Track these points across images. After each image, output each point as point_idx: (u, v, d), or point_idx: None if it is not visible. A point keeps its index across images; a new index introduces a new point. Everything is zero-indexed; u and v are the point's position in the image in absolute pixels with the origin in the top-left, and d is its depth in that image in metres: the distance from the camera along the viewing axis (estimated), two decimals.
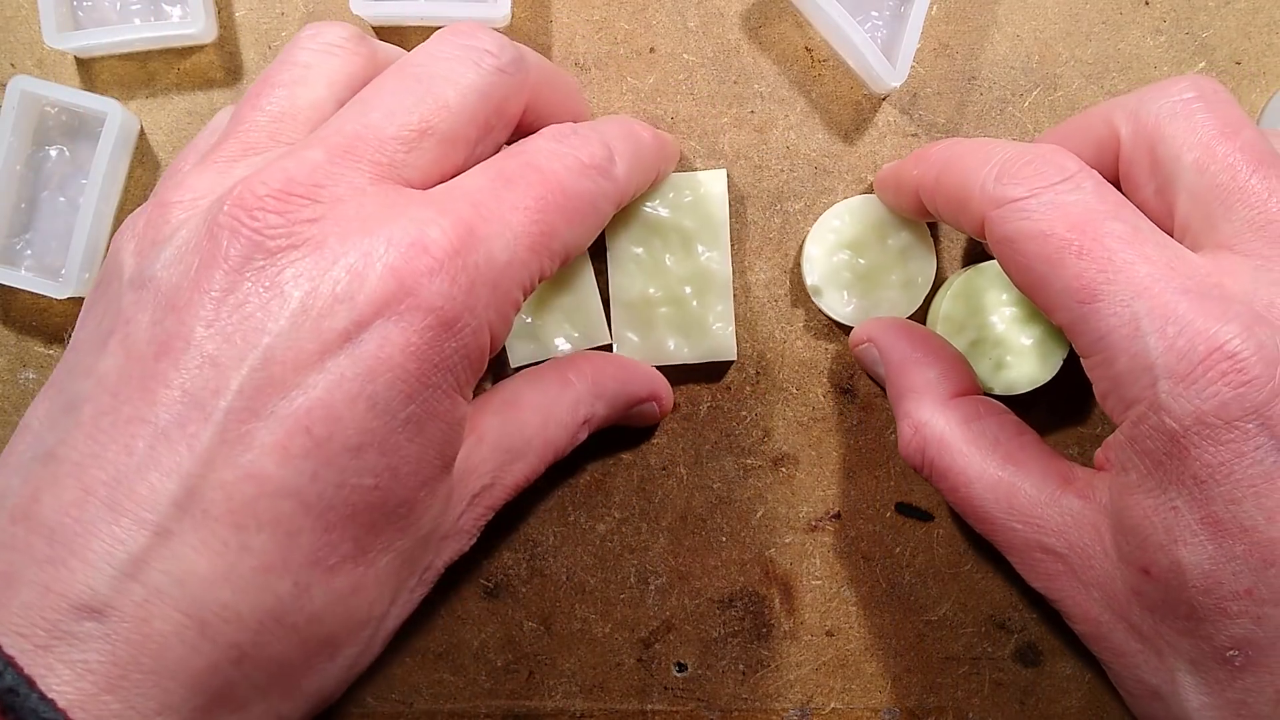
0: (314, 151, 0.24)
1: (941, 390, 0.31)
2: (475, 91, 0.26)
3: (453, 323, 0.23)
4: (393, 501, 0.24)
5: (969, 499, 0.29)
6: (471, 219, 0.24)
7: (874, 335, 0.33)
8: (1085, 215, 0.25)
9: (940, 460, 0.30)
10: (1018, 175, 0.26)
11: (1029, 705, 0.36)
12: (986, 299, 0.33)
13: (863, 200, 0.35)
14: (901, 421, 0.31)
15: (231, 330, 0.22)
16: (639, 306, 0.35)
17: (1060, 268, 0.25)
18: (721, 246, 0.35)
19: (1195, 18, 0.35)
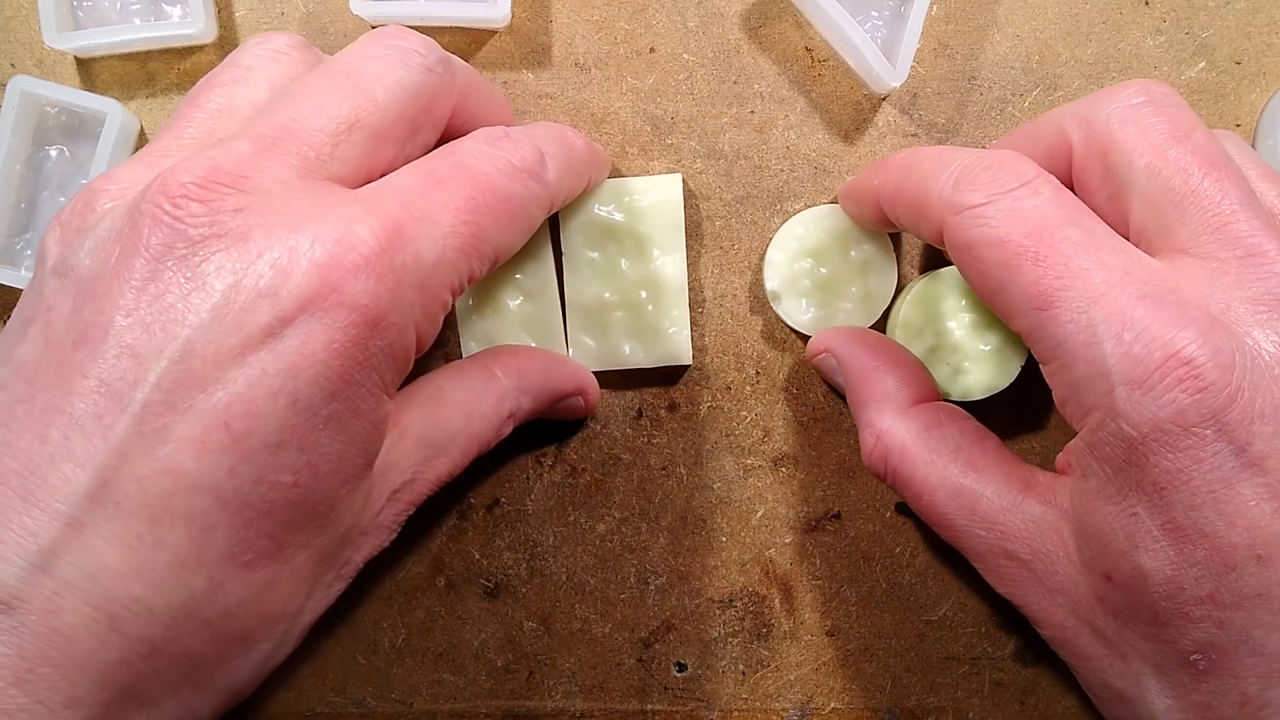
0: (241, 143, 0.24)
1: (901, 398, 0.31)
2: (403, 88, 0.26)
3: (378, 321, 0.23)
4: (312, 499, 0.24)
5: (932, 506, 0.29)
6: (400, 218, 0.24)
7: (831, 345, 0.33)
8: (1042, 221, 0.25)
9: (903, 468, 0.30)
10: (975, 181, 0.26)
11: (1029, 705, 0.36)
12: (945, 305, 0.33)
13: (828, 210, 0.35)
14: (863, 430, 0.31)
15: (151, 320, 0.22)
16: (594, 311, 0.35)
17: (1017, 274, 0.25)
18: (677, 250, 0.34)
19: (1195, 18, 0.35)
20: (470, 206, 0.25)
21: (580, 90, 0.36)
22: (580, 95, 0.36)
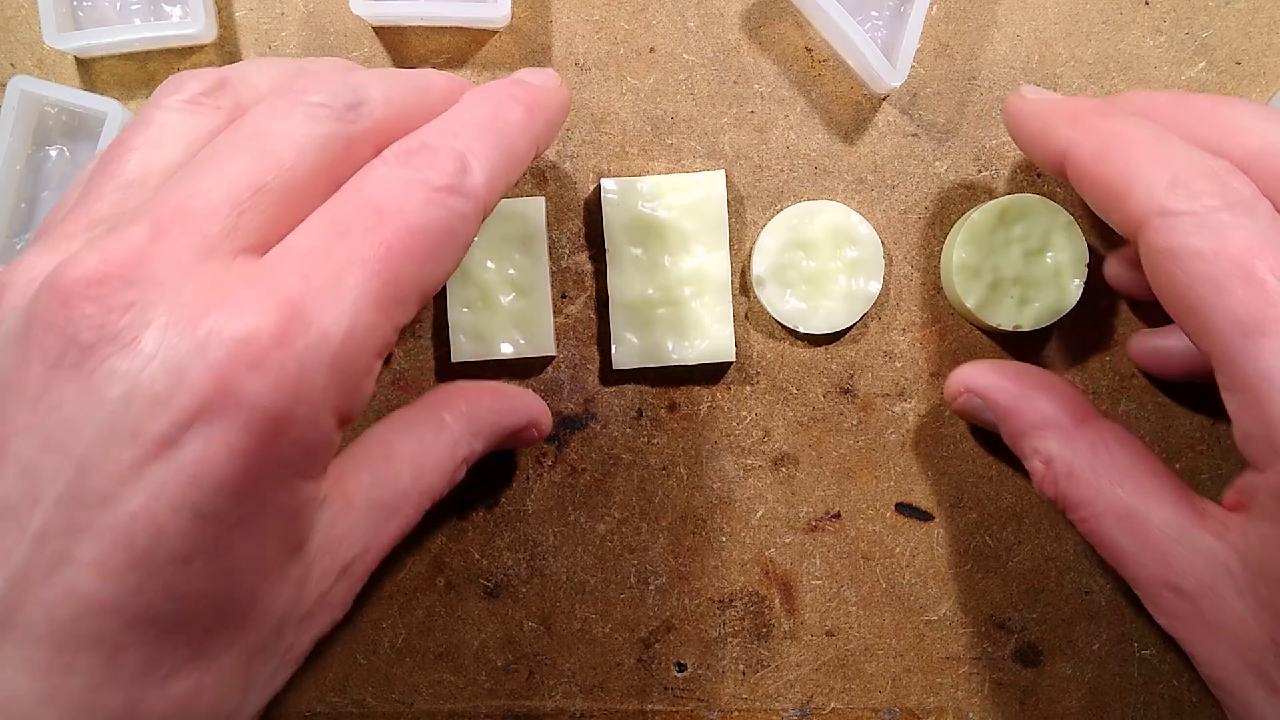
0: (136, 228, 0.22)
1: (1063, 422, 0.30)
2: (312, 143, 0.24)
3: (281, 419, 0.21)
4: (230, 602, 0.23)
5: (1099, 530, 0.28)
6: (300, 295, 0.22)
7: (972, 383, 0.32)
8: (1259, 244, 0.23)
9: (1071, 492, 0.29)
10: (1194, 187, 0.24)
11: (1029, 705, 0.36)
12: (994, 239, 0.34)
13: (827, 205, 0.35)
14: (1030, 459, 0.30)
15: (47, 436, 0.21)
16: (637, 307, 0.35)
17: (1225, 293, 0.23)
18: (720, 247, 0.35)
19: (1195, 18, 0.35)
20: (382, 254, 0.23)
21: (580, 90, 0.36)
22: (580, 95, 0.36)
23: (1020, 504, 0.36)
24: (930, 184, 0.36)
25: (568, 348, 0.36)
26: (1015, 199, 0.34)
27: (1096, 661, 0.36)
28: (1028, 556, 0.36)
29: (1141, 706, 0.36)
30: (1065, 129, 0.28)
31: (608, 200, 0.35)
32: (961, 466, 0.36)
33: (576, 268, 0.36)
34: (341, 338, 0.22)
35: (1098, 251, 0.35)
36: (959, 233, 0.34)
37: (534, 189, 0.36)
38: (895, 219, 0.36)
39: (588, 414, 0.36)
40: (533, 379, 0.36)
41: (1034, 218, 0.34)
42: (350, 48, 0.36)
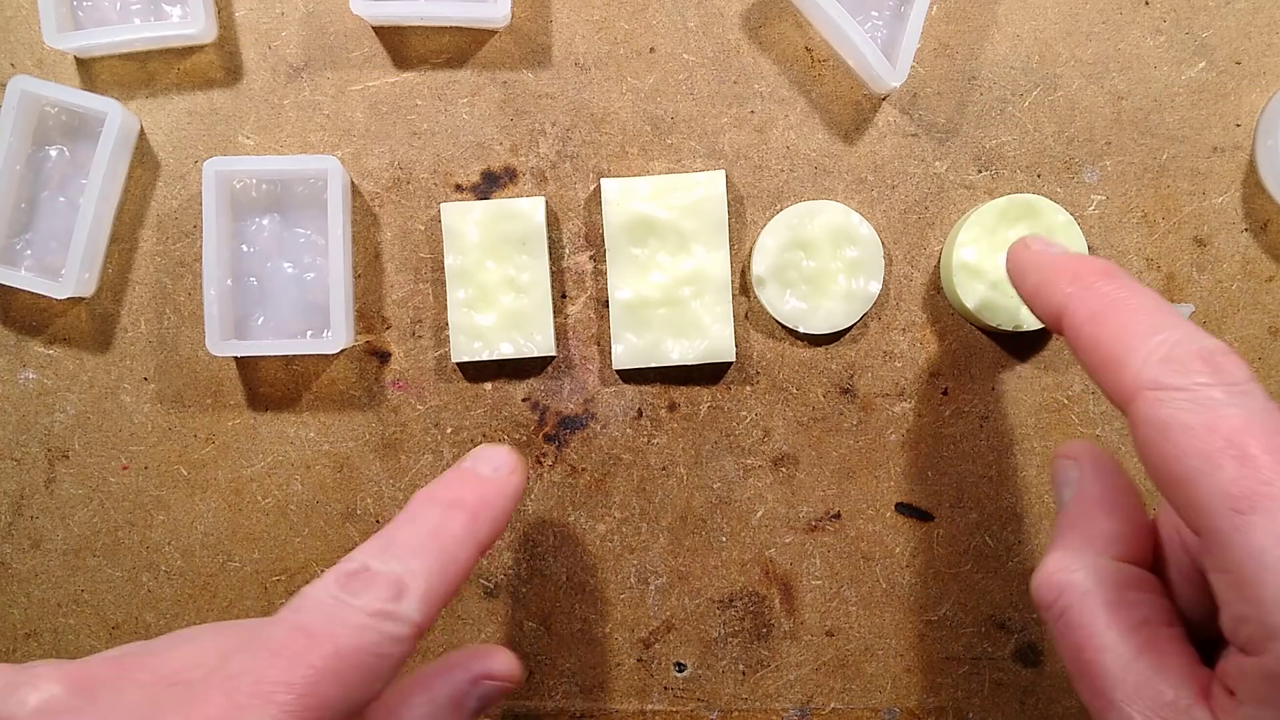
0: None
1: (1112, 547, 0.28)
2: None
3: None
4: None
5: (1091, 666, 0.27)
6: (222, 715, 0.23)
7: (1082, 458, 0.30)
8: (1252, 423, 0.23)
9: (1076, 613, 0.27)
10: (1187, 363, 0.24)
11: (1029, 705, 0.36)
12: (994, 240, 0.34)
13: (827, 205, 0.35)
14: (1051, 554, 0.28)
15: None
16: (637, 307, 0.35)
17: (1217, 469, 0.23)
18: (721, 247, 0.35)
19: (1195, 18, 0.35)
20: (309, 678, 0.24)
21: (580, 90, 0.36)
22: (580, 95, 0.36)
23: (1020, 504, 0.36)
24: (930, 184, 0.36)
25: (568, 348, 0.36)
26: (1015, 199, 0.34)
27: None
28: (1028, 556, 0.36)
29: None
30: (1066, 285, 0.28)
31: (608, 200, 0.35)
32: (961, 466, 0.36)
33: (576, 268, 0.36)
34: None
35: (1097, 251, 0.35)
36: (959, 233, 0.34)
37: (534, 189, 0.36)
38: (895, 219, 0.36)
39: (588, 414, 0.36)
40: (533, 379, 0.36)
41: (1034, 218, 0.34)
42: (350, 48, 0.36)
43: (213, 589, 0.37)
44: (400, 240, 0.36)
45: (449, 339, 0.35)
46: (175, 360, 0.36)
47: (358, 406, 0.36)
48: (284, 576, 0.36)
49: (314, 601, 0.25)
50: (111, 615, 0.37)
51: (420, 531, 0.27)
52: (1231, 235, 0.35)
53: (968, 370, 0.36)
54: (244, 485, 0.36)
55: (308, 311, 0.35)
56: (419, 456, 0.36)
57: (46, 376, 0.36)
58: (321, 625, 0.25)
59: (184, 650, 0.26)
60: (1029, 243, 0.30)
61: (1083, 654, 0.27)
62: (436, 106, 0.36)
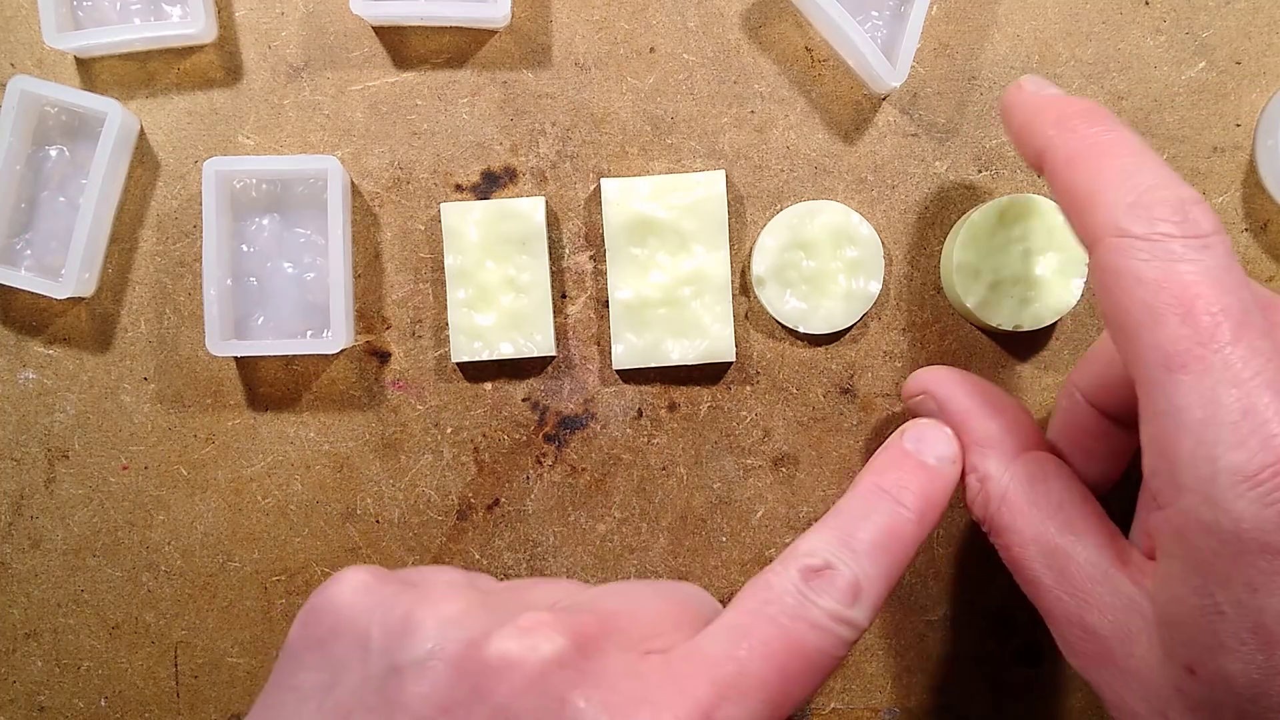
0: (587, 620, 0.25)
1: (1008, 445, 0.29)
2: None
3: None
4: None
5: (1022, 559, 0.28)
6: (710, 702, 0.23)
7: (931, 387, 0.31)
8: (1204, 280, 0.23)
9: (1000, 517, 0.29)
10: (1153, 211, 0.24)
11: (1029, 705, 0.36)
12: (994, 240, 0.34)
13: (827, 205, 0.35)
14: (968, 475, 0.30)
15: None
16: (637, 307, 0.35)
17: (1159, 324, 0.23)
18: (721, 247, 0.35)
19: (1195, 18, 0.35)
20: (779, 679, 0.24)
21: (580, 90, 0.36)
22: (580, 95, 0.36)
23: None
24: (930, 184, 0.36)
25: (568, 348, 0.36)
26: (1015, 199, 0.34)
27: None
28: None
29: None
30: (1049, 128, 0.28)
31: (608, 200, 0.35)
32: None
33: (576, 268, 0.36)
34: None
35: None
36: (959, 233, 0.34)
37: (534, 189, 0.36)
38: (895, 219, 0.36)
39: (588, 414, 0.36)
40: (533, 379, 0.36)
41: (1034, 218, 0.34)
42: (350, 48, 0.36)
43: (213, 589, 0.37)
44: (400, 240, 0.36)
45: (449, 339, 0.35)
46: (175, 360, 0.36)
47: (358, 406, 0.36)
48: (284, 576, 0.36)
49: (780, 594, 0.25)
50: (111, 615, 0.37)
51: (877, 530, 0.27)
52: (1231, 235, 0.35)
53: (968, 370, 0.36)
54: (244, 485, 0.36)
55: (308, 311, 0.35)
56: (419, 456, 0.36)
57: (46, 376, 0.36)
58: (793, 627, 0.25)
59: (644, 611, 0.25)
60: (1022, 83, 0.30)
61: (1012, 552, 0.28)
62: (436, 106, 0.36)
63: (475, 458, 0.36)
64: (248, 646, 0.37)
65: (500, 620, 0.24)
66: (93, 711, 0.37)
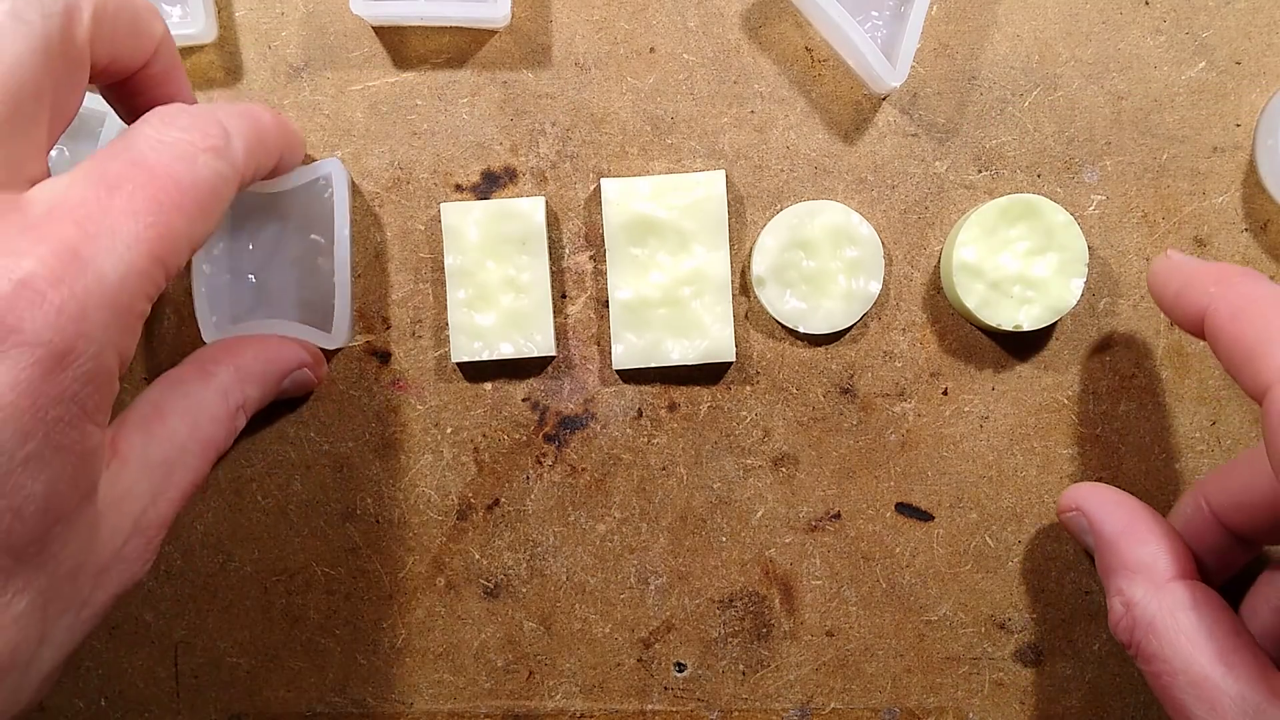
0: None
1: (1159, 571, 0.30)
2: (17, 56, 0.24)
3: (65, 354, 0.22)
4: (20, 542, 0.23)
5: (1170, 690, 0.28)
6: (75, 240, 0.23)
7: (1084, 504, 0.32)
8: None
9: (1148, 645, 0.29)
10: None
11: (1029, 705, 0.36)
12: (994, 240, 0.34)
13: (826, 205, 0.35)
14: (1113, 598, 0.30)
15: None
16: (637, 307, 0.35)
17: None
18: (721, 247, 0.35)
19: (1195, 18, 0.35)
20: (152, 207, 0.24)
21: (580, 90, 0.36)
22: (580, 95, 0.36)
23: (1020, 504, 0.36)
24: (930, 184, 0.36)
25: (568, 348, 0.36)
26: (1015, 199, 0.34)
27: (1096, 661, 0.36)
28: (1028, 556, 0.36)
29: (1141, 706, 0.36)
30: (1210, 285, 0.28)
31: (608, 200, 0.35)
32: (961, 466, 0.36)
33: (576, 268, 0.36)
34: (119, 281, 0.24)
35: (1097, 251, 0.35)
36: (959, 233, 0.34)
37: (534, 189, 0.36)
38: (895, 219, 0.36)
39: (588, 414, 0.36)
40: (533, 379, 0.36)
41: (1034, 218, 0.34)
42: (350, 48, 0.36)
43: (213, 589, 0.37)
44: (400, 240, 0.36)
45: (449, 339, 0.35)
46: (175, 360, 0.36)
47: (358, 406, 0.36)
48: (284, 576, 0.36)
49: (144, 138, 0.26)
50: (112, 615, 0.37)
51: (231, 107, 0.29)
52: (1231, 235, 0.35)
53: (968, 370, 0.36)
54: (244, 485, 0.36)
55: (307, 310, 0.35)
56: (419, 456, 0.36)
57: None
58: (157, 159, 0.25)
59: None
60: (1171, 254, 0.31)
61: (1162, 681, 0.28)
62: (436, 106, 0.36)
63: (475, 458, 0.36)
64: (248, 646, 0.37)
65: None
66: (93, 711, 0.37)
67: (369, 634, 0.36)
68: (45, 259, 0.22)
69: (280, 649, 0.37)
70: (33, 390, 0.22)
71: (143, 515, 0.27)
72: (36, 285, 0.22)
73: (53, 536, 0.24)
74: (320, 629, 0.37)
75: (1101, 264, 0.35)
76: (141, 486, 0.27)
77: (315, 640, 0.37)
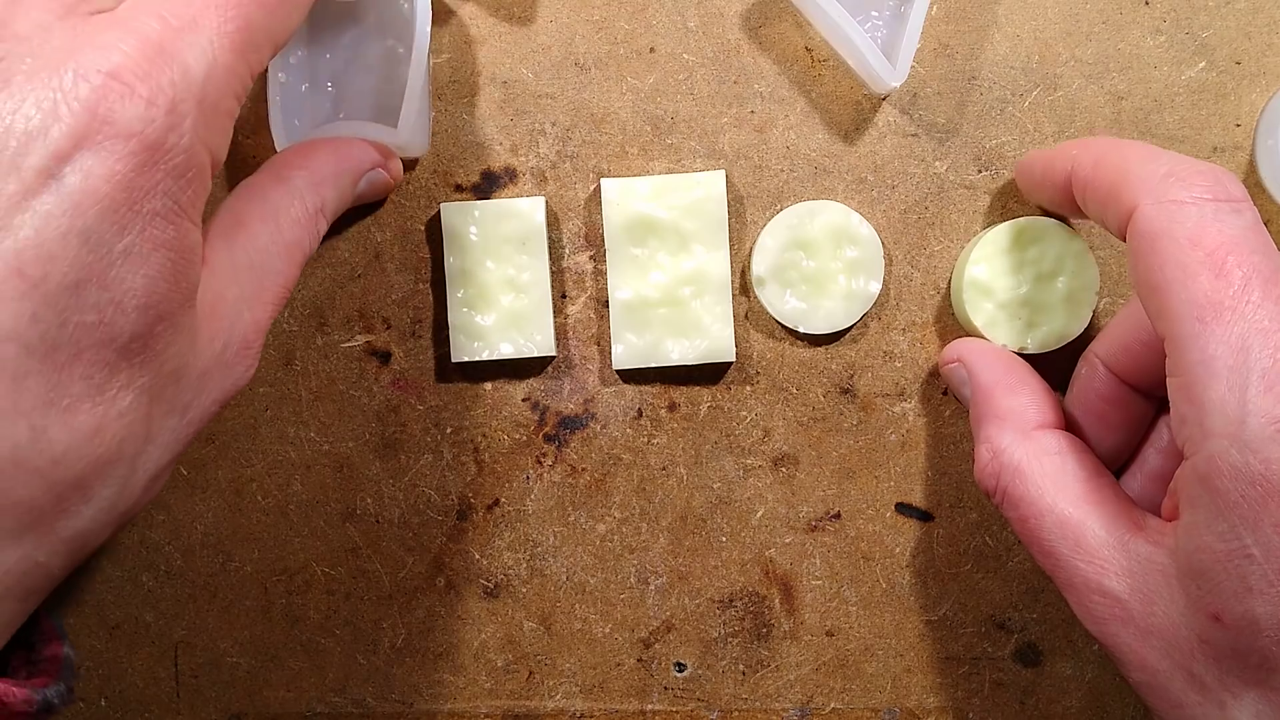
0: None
1: (1026, 419, 0.30)
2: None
3: (157, 146, 0.23)
4: (123, 337, 0.23)
5: (1036, 532, 0.28)
6: (160, 35, 0.23)
7: (965, 355, 0.33)
8: (1236, 239, 0.25)
9: (1014, 489, 0.29)
10: (1187, 179, 0.26)
11: (1029, 705, 0.36)
12: (1008, 260, 0.34)
13: (827, 205, 0.35)
14: (980, 445, 0.31)
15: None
16: (637, 307, 0.35)
17: (1193, 279, 0.24)
18: (720, 247, 0.35)
19: (1195, 18, 0.35)
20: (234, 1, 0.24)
21: (580, 90, 0.36)
22: (580, 95, 0.36)
23: None
24: (930, 184, 0.36)
25: (568, 348, 0.36)
26: (1032, 221, 0.34)
27: (1096, 661, 0.36)
28: (1028, 556, 0.36)
29: (1142, 706, 0.36)
30: (1069, 151, 0.30)
31: (608, 200, 0.35)
32: (961, 466, 0.36)
33: (576, 268, 0.36)
34: (204, 74, 0.24)
35: (1097, 251, 0.35)
36: (972, 250, 0.34)
37: (534, 189, 0.36)
38: (895, 219, 0.36)
39: (588, 414, 0.36)
40: (533, 379, 0.36)
41: (1049, 241, 0.34)
42: None
43: (213, 589, 0.37)
44: (400, 240, 0.36)
45: (449, 339, 0.35)
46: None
47: (358, 406, 0.36)
48: (284, 576, 0.37)
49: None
50: (111, 615, 0.37)
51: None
52: None
53: None
54: (244, 485, 0.36)
55: (386, 115, 0.34)
56: (419, 456, 0.36)
57: None
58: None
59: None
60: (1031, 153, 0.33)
61: (1027, 525, 0.29)
62: (436, 106, 0.36)
63: (475, 458, 0.36)
64: (248, 646, 0.37)
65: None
66: (93, 711, 0.37)
67: (369, 634, 0.36)
68: (131, 52, 0.23)
69: (280, 649, 0.37)
70: (128, 183, 0.22)
71: (238, 320, 0.27)
72: (124, 78, 0.22)
73: (155, 335, 0.24)
74: (320, 629, 0.37)
75: (1101, 264, 0.35)
76: (232, 292, 0.27)
77: (315, 640, 0.37)
